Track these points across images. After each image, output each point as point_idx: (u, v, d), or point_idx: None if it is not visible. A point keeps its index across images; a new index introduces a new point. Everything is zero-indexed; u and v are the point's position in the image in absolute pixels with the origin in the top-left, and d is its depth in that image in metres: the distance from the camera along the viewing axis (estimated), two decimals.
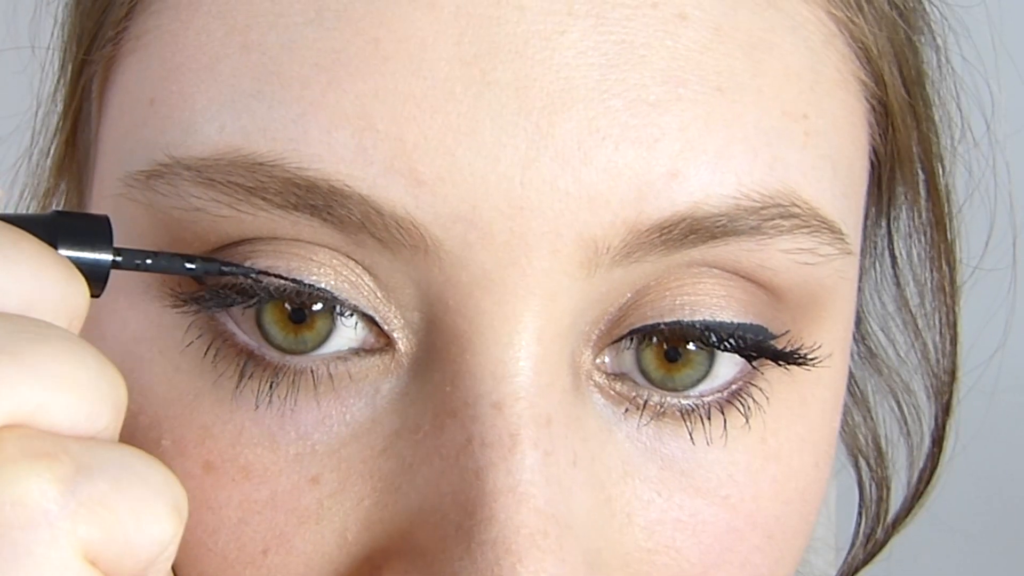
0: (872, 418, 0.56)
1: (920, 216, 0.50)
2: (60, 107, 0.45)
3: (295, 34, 0.36)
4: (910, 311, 0.53)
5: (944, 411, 0.54)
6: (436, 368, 0.37)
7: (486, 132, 0.35)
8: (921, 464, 0.55)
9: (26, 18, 0.50)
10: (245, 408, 0.38)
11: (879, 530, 0.56)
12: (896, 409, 0.55)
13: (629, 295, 0.38)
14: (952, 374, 0.53)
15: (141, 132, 0.39)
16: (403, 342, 0.38)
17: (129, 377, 0.39)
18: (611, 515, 0.38)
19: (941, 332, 0.53)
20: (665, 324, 0.38)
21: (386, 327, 0.38)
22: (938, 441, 0.54)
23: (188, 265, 0.37)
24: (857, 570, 0.56)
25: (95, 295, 0.35)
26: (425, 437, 0.37)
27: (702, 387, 0.39)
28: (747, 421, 0.40)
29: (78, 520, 0.29)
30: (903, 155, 0.46)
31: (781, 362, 0.40)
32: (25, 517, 0.28)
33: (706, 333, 0.38)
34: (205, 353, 0.38)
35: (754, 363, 0.39)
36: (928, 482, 0.55)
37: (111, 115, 0.41)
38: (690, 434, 0.39)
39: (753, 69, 0.38)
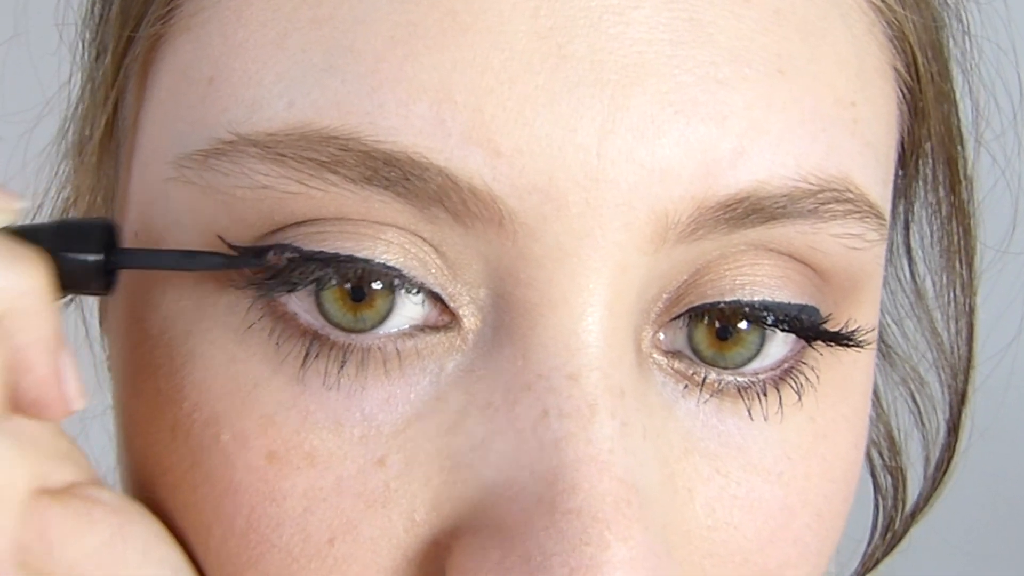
0: (884, 409, 0.56)
1: (940, 205, 0.50)
2: (100, 90, 0.44)
3: (368, 7, 0.36)
4: (924, 303, 0.54)
5: (960, 400, 0.54)
6: (505, 343, 0.37)
7: (563, 104, 0.35)
8: (937, 454, 0.56)
9: None
10: (311, 391, 0.37)
11: (897, 521, 0.57)
12: (910, 400, 0.56)
13: (687, 276, 0.38)
14: (968, 362, 0.54)
15: (198, 111, 0.38)
16: (469, 319, 0.37)
17: (179, 375, 0.38)
18: (675, 491, 0.38)
19: (957, 320, 0.53)
20: (725, 303, 0.38)
21: (452, 304, 0.37)
22: (954, 430, 0.55)
23: (199, 258, 0.37)
24: (878, 562, 0.56)
25: (102, 293, 0.37)
26: (497, 412, 0.37)
27: (754, 365, 0.39)
28: (800, 399, 0.40)
29: None
30: (930, 143, 0.46)
31: (832, 343, 0.40)
32: None
33: (764, 313, 0.39)
34: (269, 335, 0.37)
35: (813, 344, 0.40)
36: (946, 471, 0.55)
37: (158, 97, 0.40)
38: (748, 410, 0.39)
39: (809, 54, 0.38)
